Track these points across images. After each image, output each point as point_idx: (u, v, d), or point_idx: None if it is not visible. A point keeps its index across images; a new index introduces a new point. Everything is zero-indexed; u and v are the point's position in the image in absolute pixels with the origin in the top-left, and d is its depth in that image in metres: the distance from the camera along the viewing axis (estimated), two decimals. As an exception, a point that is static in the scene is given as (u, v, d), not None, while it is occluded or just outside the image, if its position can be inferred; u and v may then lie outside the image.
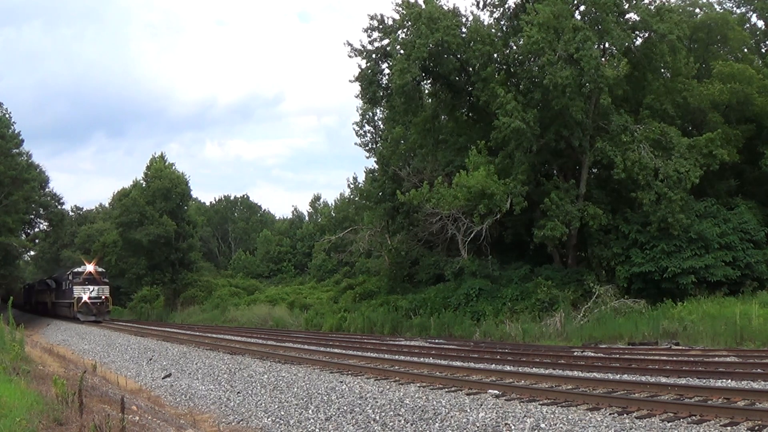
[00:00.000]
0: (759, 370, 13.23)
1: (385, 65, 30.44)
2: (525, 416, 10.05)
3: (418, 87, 30.13)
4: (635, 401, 10.42)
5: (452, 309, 28.87)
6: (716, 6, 35.00)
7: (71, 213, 77.68)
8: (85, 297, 44.78)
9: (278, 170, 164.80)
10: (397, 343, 23.25)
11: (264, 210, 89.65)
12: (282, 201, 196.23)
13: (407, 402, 11.83)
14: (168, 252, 54.99)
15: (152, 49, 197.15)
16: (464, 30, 29.23)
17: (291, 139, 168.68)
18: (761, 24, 35.84)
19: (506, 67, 29.64)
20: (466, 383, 13.02)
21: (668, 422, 9.15)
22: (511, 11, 30.29)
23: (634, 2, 27.97)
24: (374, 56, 30.27)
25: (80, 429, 8.06)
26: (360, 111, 46.91)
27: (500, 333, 25.41)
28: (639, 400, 10.47)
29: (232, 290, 54.71)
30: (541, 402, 10.94)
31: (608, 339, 22.42)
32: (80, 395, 9.05)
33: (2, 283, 58.25)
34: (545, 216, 26.96)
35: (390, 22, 29.74)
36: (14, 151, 50.31)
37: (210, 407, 14.93)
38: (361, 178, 46.77)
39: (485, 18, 31.56)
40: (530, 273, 29.06)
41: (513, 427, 9.72)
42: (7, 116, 50.81)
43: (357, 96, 35.35)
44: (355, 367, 16.13)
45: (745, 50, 32.86)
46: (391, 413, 11.40)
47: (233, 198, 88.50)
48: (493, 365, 16.00)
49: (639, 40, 28.95)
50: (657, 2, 28.23)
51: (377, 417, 11.40)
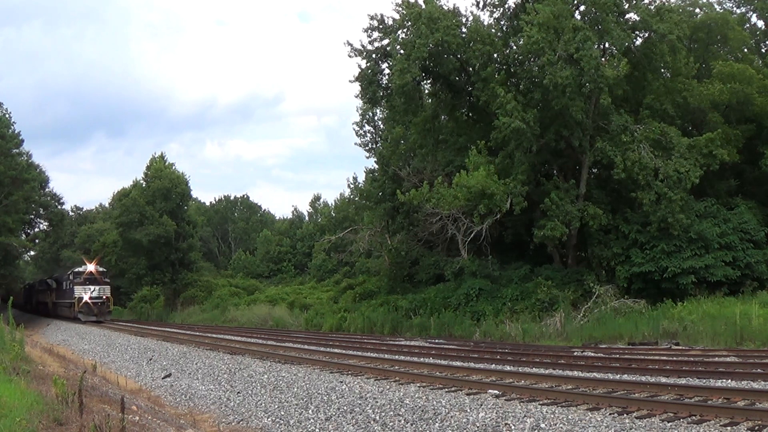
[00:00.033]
0: (759, 370, 13.24)
1: (385, 65, 30.46)
2: (525, 416, 10.05)
3: (418, 87, 30.13)
4: (635, 401, 10.42)
5: (452, 309, 28.87)
6: (716, 6, 35.04)
7: (71, 213, 77.71)
8: (86, 297, 44.28)
9: (278, 170, 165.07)
10: (397, 343, 23.25)
11: (264, 210, 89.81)
12: (282, 201, 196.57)
13: (407, 402, 11.83)
14: (168, 252, 54.99)
15: (152, 49, 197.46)
16: (464, 30, 29.24)
17: (291, 139, 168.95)
18: (761, 24, 35.86)
19: (506, 67, 29.63)
20: (466, 383, 13.03)
21: (668, 422, 9.15)
22: (511, 11, 30.30)
23: (634, 2, 27.97)
24: (374, 56, 30.27)
25: (80, 429, 8.06)
26: (360, 111, 46.99)
27: (500, 333, 25.41)
28: (639, 400, 10.47)
29: (232, 290, 54.69)
30: (541, 402, 10.94)
31: (608, 339, 22.42)
32: (80, 395, 9.05)
33: (2, 283, 58.18)
34: (545, 216, 26.96)
35: (390, 22, 29.77)
36: (14, 151, 50.30)
37: (210, 407, 14.93)
38: (361, 178, 46.81)
39: (485, 18, 31.64)
40: (530, 273, 29.06)
41: (513, 427, 9.72)
42: (7, 116, 50.86)
43: (357, 96, 35.37)
44: (355, 367, 16.13)
45: (745, 50, 32.85)
46: (391, 413, 11.40)
47: (233, 198, 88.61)
48: (493, 365, 16.00)
49: (639, 40, 28.97)
50: (657, 2, 28.26)
51: (377, 417, 11.40)
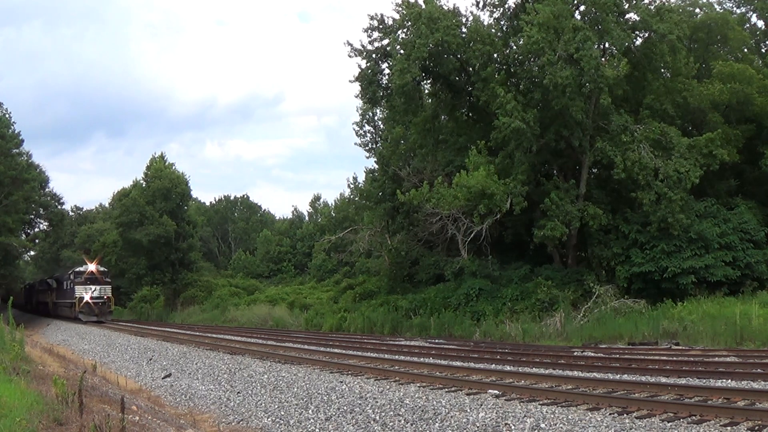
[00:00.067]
0: (759, 370, 13.24)
1: (385, 65, 30.47)
2: (525, 416, 10.05)
3: (418, 87, 30.14)
4: (635, 401, 10.42)
5: (452, 309, 28.86)
6: (716, 6, 35.04)
7: (71, 213, 77.71)
8: (87, 297, 43.90)
9: (278, 170, 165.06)
10: (397, 343, 23.25)
11: (264, 210, 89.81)
12: (282, 201, 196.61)
13: (407, 402, 11.83)
14: (168, 252, 55.00)
15: (152, 49, 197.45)
16: (464, 30, 29.24)
17: (291, 139, 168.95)
18: (761, 24, 35.86)
19: (506, 67, 29.63)
20: (466, 383, 13.02)
21: (668, 422, 9.15)
22: (511, 11, 30.30)
23: (634, 2, 27.97)
24: (374, 56, 30.28)
25: (80, 429, 8.06)
26: (360, 111, 46.99)
27: (500, 333, 25.41)
28: (639, 400, 10.47)
29: (232, 290, 54.69)
30: (541, 402, 10.94)
31: (608, 339, 22.41)
32: (80, 395, 9.05)
33: (2, 283, 58.17)
34: (545, 216, 26.96)
35: (390, 22, 29.77)
36: (14, 151, 50.31)
37: (210, 407, 14.93)
38: (361, 178, 46.80)
39: (485, 18, 31.63)
40: (530, 273, 29.06)
41: (513, 427, 9.72)
42: (7, 116, 50.88)
43: (357, 96, 35.36)
44: (355, 367, 16.13)
45: (745, 50, 32.86)
46: (391, 413, 11.40)
47: (233, 198, 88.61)
48: (493, 365, 15.99)
49: (639, 40, 28.97)
50: (657, 2, 28.26)
51: (377, 417, 11.40)
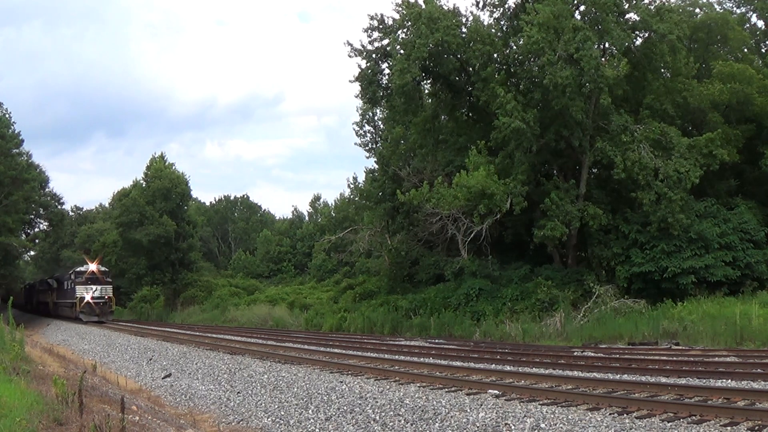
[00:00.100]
0: (759, 370, 13.24)
1: (385, 65, 30.47)
2: (525, 416, 10.05)
3: (418, 87, 30.14)
4: (635, 401, 10.42)
5: (452, 309, 28.86)
6: (716, 6, 35.04)
7: (71, 213, 77.69)
8: (88, 297, 43.51)
9: (278, 170, 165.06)
10: (397, 343, 23.25)
11: (264, 210, 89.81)
12: (282, 201, 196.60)
13: (407, 402, 11.83)
14: (168, 252, 54.99)
15: (152, 49, 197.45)
16: (464, 30, 29.25)
17: (291, 139, 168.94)
18: (761, 24, 35.86)
19: (506, 67, 29.64)
20: (466, 383, 13.02)
21: (668, 422, 9.15)
22: (511, 11, 30.31)
23: (634, 2, 27.98)
24: (374, 56, 30.28)
25: (80, 429, 8.06)
26: (360, 111, 46.97)
27: (500, 333, 25.41)
28: (639, 400, 10.47)
29: (232, 290, 54.69)
30: (541, 402, 10.94)
31: (608, 339, 22.42)
32: (80, 395, 9.05)
33: (2, 283, 58.17)
34: (545, 216, 26.96)
35: (390, 22, 29.77)
36: (14, 151, 50.30)
37: (210, 407, 14.93)
38: (361, 178, 46.79)
39: (485, 18, 31.66)
40: (530, 273, 29.06)
41: (513, 427, 9.72)
42: (7, 116, 50.87)
43: (357, 96, 35.36)
44: (355, 367, 16.13)
45: (745, 50, 32.86)
46: (391, 413, 11.40)
47: (233, 198, 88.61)
48: (493, 365, 16.00)
49: (639, 40, 28.97)
50: (657, 2, 28.27)
51: (377, 417, 11.40)
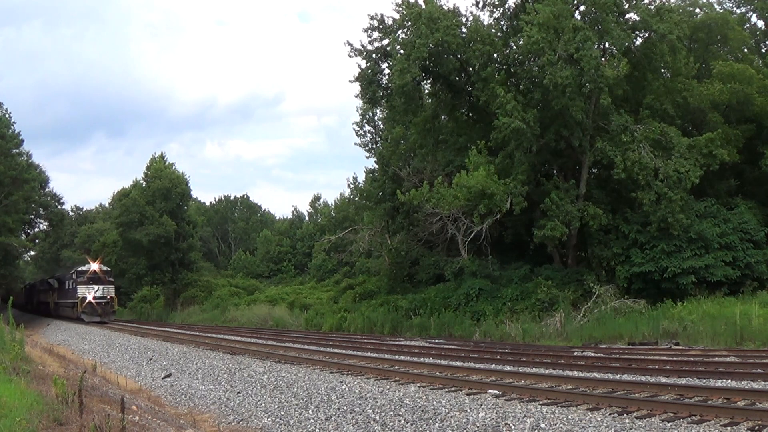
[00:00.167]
0: (759, 370, 13.24)
1: (385, 65, 30.47)
2: (525, 416, 10.05)
3: (418, 87, 30.14)
4: (635, 401, 10.42)
5: (452, 309, 28.87)
6: (716, 6, 35.04)
7: (71, 213, 77.64)
8: (90, 297, 43.01)
9: (278, 170, 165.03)
10: (397, 343, 23.25)
11: (264, 210, 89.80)
12: (282, 201, 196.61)
13: (407, 402, 11.83)
14: (168, 252, 54.99)
15: (152, 49, 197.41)
16: (464, 30, 29.25)
17: (291, 139, 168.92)
18: (761, 24, 35.86)
19: (506, 67, 29.64)
20: (466, 383, 13.02)
21: (668, 422, 9.15)
22: (511, 11, 30.31)
23: (634, 2, 27.98)
24: (374, 56, 30.28)
25: (80, 429, 8.06)
26: (360, 111, 46.94)
27: (500, 333, 25.41)
28: (639, 400, 10.47)
29: (232, 290, 54.69)
30: (541, 402, 10.94)
31: (608, 339, 22.42)
32: (80, 395, 9.05)
33: (2, 283, 58.16)
34: (545, 216, 26.97)
35: (390, 22, 29.78)
36: (14, 151, 50.29)
37: (210, 407, 14.93)
38: (361, 178, 46.77)
39: (485, 18, 31.66)
40: (530, 273, 29.06)
41: (513, 427, 9.72)
42: (7, 116, 50.87)
43: (357, 96, 35.40)
44: (355, 367, 16.13)
45: (745, 50, 32.86)
46: (391, 413, 11.40)
47: (233, 198, 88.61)
48: (493, 365, 16.00)
49: (639, 40, 28.98)
50: (657, 2, 28.28)
51: (377, 417, 11.40)
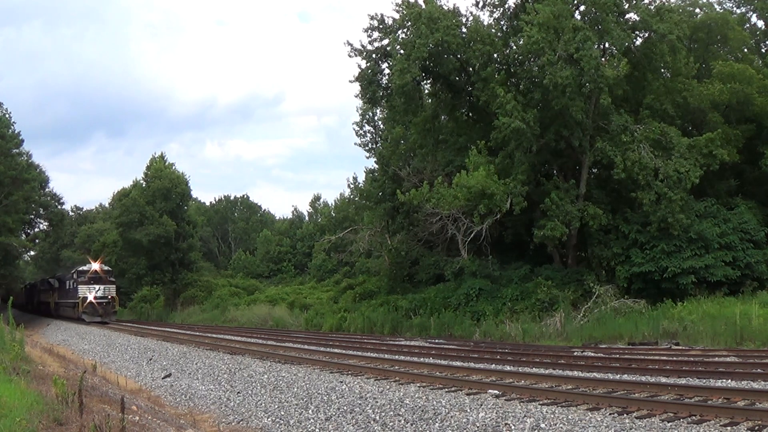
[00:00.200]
0: (759, 370, 13.24)
1: (385, 65, 30.46)
2: (525, 416, 10.05)
3: (418, 87, 30.13)
4: (635, 401, 10.42)
5: (452, 309, 28.86)
6: (716, 6, 35.04)
7: (71, 213, 77.62)
8: (91, 297, 42.78)
9: (278, 170, 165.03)
10: (397, 343, 23.25)
11: (264, 210, 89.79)
12: (282, 201, 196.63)
13: (407, 402, 11.83)
14: (168, 252, 54.98)
15: (152, 49, 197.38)
16: (464, 30, 29.24)
17: (291, 139, 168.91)
18: (761, 24, 35.86)
19: (506, 67, 29.64)
20: (466, 383, 13.03)
21: (668, 422, 9.15)
22: (511, 11, 30.31)
23: (634, 2, 27.98)
24: (374, 56, 30.27)
25: (80, 429, 8.06)
26: (360, 111, 46.89)
27: (500, 333, 25.41)
28: (639, 400, 10.48)
29: (232, 290, 54.68)
30: (541, 402, 10.94)
31: (608, 339, 22.42)
32: (80, 395, 9.05)
33: (2, 283, 58.17)
34: (545, 216, 26.96)
35: (390, 22, 29.76)
36: (14, 151, 50.28)
37: (210, 407, 14.93)
38: (361, 178, 46.76)
39: (485, 18, 31.68)
40: (530, 273, 29.06)
41: (513, 427, 9.72)
42: (7, 116, 50.87)
43: (357, 96, 35.40)
44: (355, 367, 16.13)
45: (745, 50, 32.86)
46: (391, 413, 11.40)
47: (233, 198, 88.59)
48: (493, 365, 16.00)
49: (639, 40, 28.97)
50: (657, 2, 28.28)
51: (377, 417, 11.40)
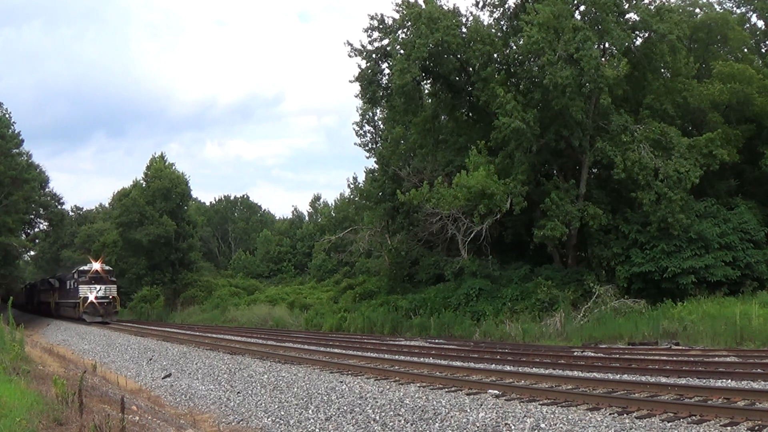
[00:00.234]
0: (759, 370, 13.24)
1: (385, 65, 30.46)
2: (525, 416, 10.05)
3: (418, 87, 30.13)
4: (635, 401, 10.42)
5: (452, 309, 28.86)
6: (716, 6, 35.04)
7: (71, 213, 77.60)
8: (92, 297, 42.52)
9: (278, 170, 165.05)
10: (397, 343, 23.25)
11: (264, 210, 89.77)
12: (282, 201, 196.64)
13: (407, 402, 11.83)
14: (168, 252, 54.96)
15: (152, 49, 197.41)
16: (464, 30, 29.24)
17: (291, 139, 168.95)
18: (761, 24, 35.86)
19: (506, 67, 29.64)
20: (466, 383, 13.03)
21: (668, 422, 9.15)
22: (511, 11, 30.31)
23: (634, 2, 27.98)
24: (374, 56, 30.27)
25: (80, 429, 8.06)
26: (360, 111, 46.89)
27: (500, 333, 25.41)
28: (639, 400, 10.48)
29: (232, 290, 54.67)
30: (541, 402, 10.94)
31: (608, 339, 22.41)
32: (80, 395, 9.05)
33: (2, 283, 58.15)
34: (545, 216, 26.96)
35: (390, 22, 29.76)
36: (14, 151, 50.27)
37: (210, 407, 14.93)
38: (361, 178, 46.75)
39: (485, 18, 31.69)
40: (530, 273, 29.05)
41: (513, 427, 9.72)
42: (7, 116, 50.85)
43: (357, 96, 35.40)
44: (355, 367, 16.13)
45: (745, 50, 32.85)
46: (391, 413, 11.40)
47: (233, 198, 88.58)
48: (493, 365, 16.00)
49: (639, 40, 28.97)
50: (657, 2, 28.27)
51: (377, 417, 11.40)
